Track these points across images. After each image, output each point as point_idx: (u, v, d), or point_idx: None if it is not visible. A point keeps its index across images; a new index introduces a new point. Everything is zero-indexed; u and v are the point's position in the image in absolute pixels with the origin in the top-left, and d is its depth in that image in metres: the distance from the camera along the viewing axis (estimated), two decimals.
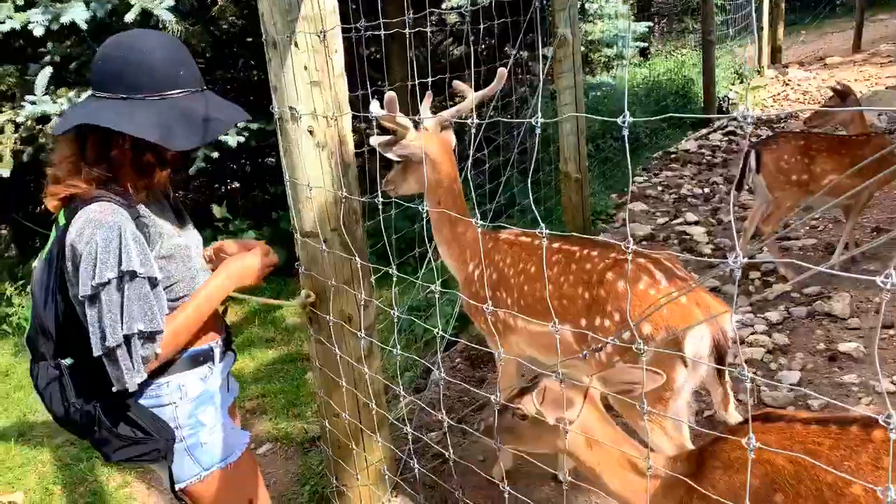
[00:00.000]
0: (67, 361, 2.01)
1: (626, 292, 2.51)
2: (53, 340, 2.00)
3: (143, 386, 2.01)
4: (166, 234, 2.08)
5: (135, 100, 1.90)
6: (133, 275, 1.87)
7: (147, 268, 1.91)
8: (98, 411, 1.99)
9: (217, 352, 2.25)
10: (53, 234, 2.00)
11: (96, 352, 1.86)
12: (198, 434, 2.16)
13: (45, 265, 2.00)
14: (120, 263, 1.85)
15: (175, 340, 2.03)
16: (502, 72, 2.92)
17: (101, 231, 1.85)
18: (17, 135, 5.76)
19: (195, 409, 2.16)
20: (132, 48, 1.91)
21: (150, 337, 1.92)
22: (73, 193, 1.95)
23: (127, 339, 1.87)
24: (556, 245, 2.94)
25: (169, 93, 1.93)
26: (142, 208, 2.03)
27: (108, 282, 1.83)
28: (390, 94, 2.68)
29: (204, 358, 2.20)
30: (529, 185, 1.79)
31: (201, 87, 2.04)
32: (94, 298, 1.84)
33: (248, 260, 2.23)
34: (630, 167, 1.50)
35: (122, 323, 1.85)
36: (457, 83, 3.22)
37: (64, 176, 1.97)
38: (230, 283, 2.18)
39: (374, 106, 2.84)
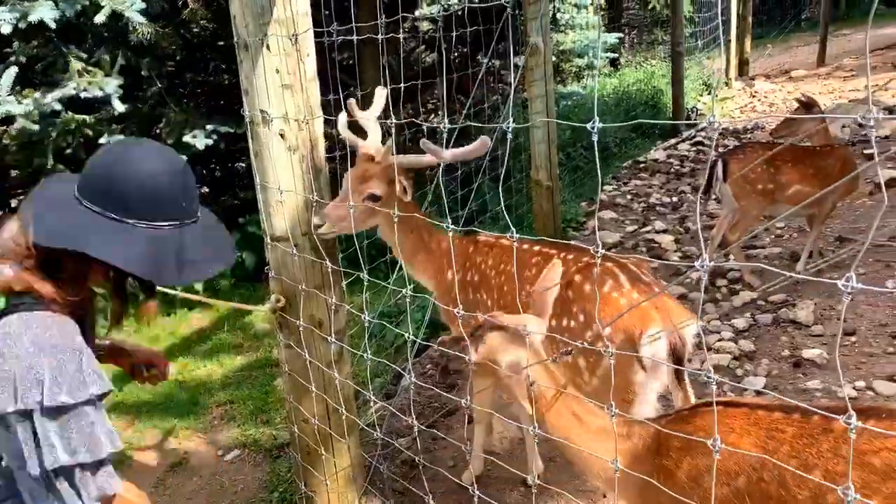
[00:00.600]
0: None
1: (593, 294, 2.54)
2: None
3: None
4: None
5: (127, 224, 1.72)
6: (93, 400, 1.66)
7: (101, 385, 1.70)
8: None
9: None
10: None
11: (33, 472, 1.61)
12: None
13: None
14: (77, 388, 1.63)
15: None
16: (483, 142, 2.67)
17: (54, 353, 1.63)
18: None
19: None
20: (137, 170, 1.72)
21: (100, 464, 1.70)
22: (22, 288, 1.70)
23: (82, 467, 1.65)
24: (536, 248, 2.99)
25: (164, 224, 1.76)
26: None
27: (62, 406, 1.61)
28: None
29: None
30: (501, 191, 1.80)
31: (197, 216, 1.87)
32: (26, 415, 1.59)
33: None
34: (600, 174, 1.52)
35: (74, 449, 1.63)
36: (426, 143, 2.61)
37: (10, 258, 1.71)
38: None
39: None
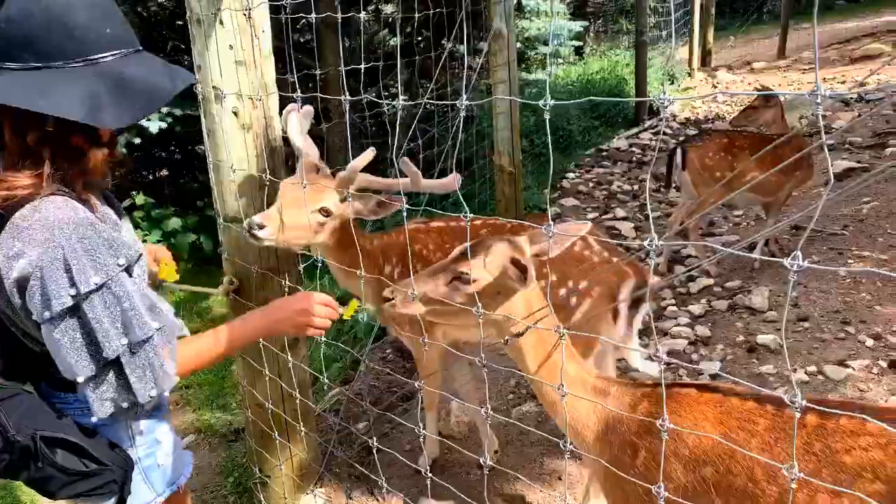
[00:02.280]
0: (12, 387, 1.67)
1: (562, 257, 2.48)
2: None
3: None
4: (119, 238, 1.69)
5: (52, 69, 1.50)
6: (127, 269, 1.58)
7: (129, 256, 1.61)
8: (40, 444, 1.62)
9: None
10: None
11: (84, 373, 1.53)
12: (155, 455, 1.89)
13: None
14: (106, 263, 1.53)
15: (190, 364, 1.75)
16: (455, 178, 2.44)
17: (65, 231, 1.51)
18: None
19: (154, 426, 1.88)
20: (42, 4, 1.50)
21: (166, 335, 1.64)
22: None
23: (140, 344, 1.57)
24: (478, 222, 2.89)
25: (96, 56, 1.54)
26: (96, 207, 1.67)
27: (98, 287, 1.52)
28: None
29: None
30: (456, 174, 1.78)
31: (135, 46, 1.64)
32: (75, 310, 1.51)
33: (301, 305, 1.88)
34: (552, 152, 1.51)
35: (129, 328, 1.56)
36: (406, 163, 2.47)
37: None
38: (274, 327, 1.89)
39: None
